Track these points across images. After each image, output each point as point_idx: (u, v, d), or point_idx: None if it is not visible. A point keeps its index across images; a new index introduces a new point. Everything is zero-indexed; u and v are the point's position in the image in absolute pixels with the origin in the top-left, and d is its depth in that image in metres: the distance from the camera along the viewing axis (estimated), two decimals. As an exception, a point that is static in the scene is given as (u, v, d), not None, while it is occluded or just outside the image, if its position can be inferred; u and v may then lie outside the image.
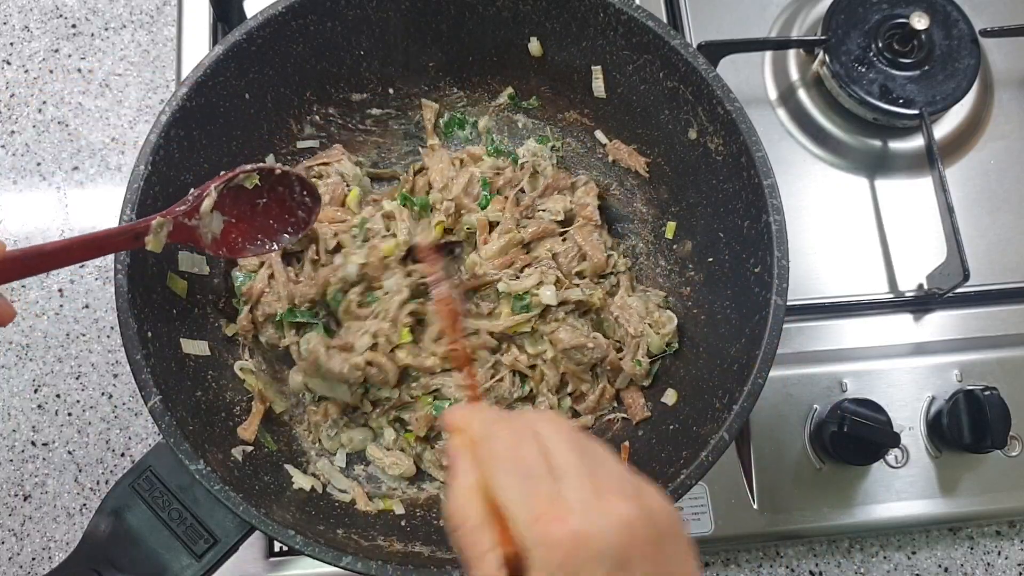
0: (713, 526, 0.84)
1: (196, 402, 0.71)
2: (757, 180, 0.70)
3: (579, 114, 0.89)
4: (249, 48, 0.75)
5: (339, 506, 0.75)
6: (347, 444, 0.79)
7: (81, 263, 0.77)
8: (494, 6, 0.81)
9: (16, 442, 0.91)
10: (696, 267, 0.82)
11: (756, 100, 1.01)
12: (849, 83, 0.96)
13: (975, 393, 0.84)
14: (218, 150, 0.77)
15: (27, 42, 1.04)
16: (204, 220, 0.66)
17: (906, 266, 0.94)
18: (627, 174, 0.89)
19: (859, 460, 0.84)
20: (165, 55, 1.04)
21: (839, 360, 0.89)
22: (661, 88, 0.78)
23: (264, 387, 0.78)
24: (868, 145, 0.99)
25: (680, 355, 0.81)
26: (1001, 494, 0.87)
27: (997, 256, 0.95)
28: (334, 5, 0.77)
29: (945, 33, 0.98)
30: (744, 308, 0.72)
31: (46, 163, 0.99)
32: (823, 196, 0.97)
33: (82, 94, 1.02)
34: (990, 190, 0.98)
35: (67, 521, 0.88)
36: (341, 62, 0.83)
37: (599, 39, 0.80)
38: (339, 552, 0.63)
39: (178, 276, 0.74)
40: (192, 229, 0.65)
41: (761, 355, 0.66)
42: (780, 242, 0.69)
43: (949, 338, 0.92)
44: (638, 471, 0.73)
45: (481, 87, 0.90)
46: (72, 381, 0.92)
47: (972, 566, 0.91)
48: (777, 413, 0.87)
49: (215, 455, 0.67)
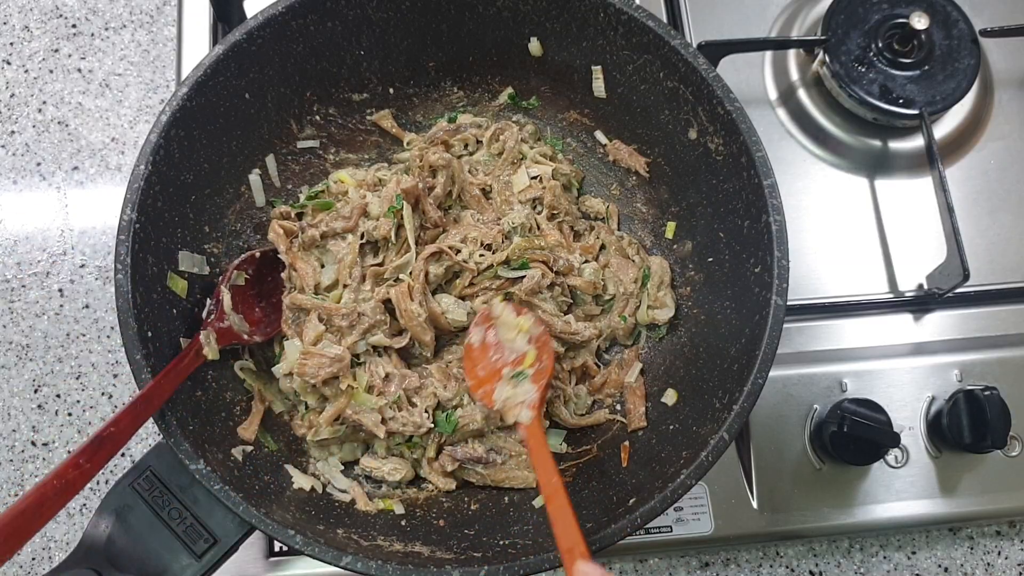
0: (713, 526, 0.84)
1: (196, 402, 0.71)
2: (757, 180, 0.70)
3: (579, 114, 0.89)
4: (249, 48, 0.75)
5: (339, 506, 0.75)
6: (336, 454, 0.79)
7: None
8: (494, 6, 0.81)
9: (16, 442, 0.91)
10: (696, 267, 0.82)
11: (756, 100, 1.01)
12: (849, 83, 0.96)
13: (975, 393, 0.84)
14: (218, 150, 0.77)
15: (27, 42, 1.04)
16: (233, 319, 0.75)
17: (906, 266, 0.94)
18: (627, 174, 0.89)
19: (859, 460, 0.84)
20: (165, 55, 1.04)
21: (839, 360, 0.89)
22: (661, 88, 0.78)
23: (264, 387, 0.78)
24: (868, 145, 0.99)
25: (680, 355, 0.81)
26: (1001, 494, 0.87)
27: (997, 256, 0.95)
28: (334, 5, 0.77)
29: (945, 33, 0.98)
30: (744, 308, 0.72)
31: (46, 163, 0.99)
32: (823, 196, 0.97)
33: (82, 94, 1.02)
34: (990, 190, 0.98)
35: (67, 521, 0.88)
36: (341, 62, 0.83)
37: (599, 39, 0.80)
38: (339, 552, 0.63)
39: (178, 276, 0.74)
40: (228, 329, 0.75)
41: (761, 355, 0.66)
42: (780, 242, 0.69)
43: (949, 338, 0.92)
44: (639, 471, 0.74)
45: (481, 87, 0.90)
46: (72, 381, 0.92)
47: (972, 566, 0.90)
48: (777, 413, 0.87)
49: (215, 455, 0.67)
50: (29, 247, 0.97)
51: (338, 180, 0.85)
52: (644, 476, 0.72)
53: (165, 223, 0.72)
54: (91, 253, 0.97)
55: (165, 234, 0.73)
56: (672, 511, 0.85)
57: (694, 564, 0.90)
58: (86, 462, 0.57)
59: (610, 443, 0.80)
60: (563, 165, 0.88)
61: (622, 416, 0.82)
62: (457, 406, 0.78)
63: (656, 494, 0.65)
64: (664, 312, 0.83)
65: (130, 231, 0.68)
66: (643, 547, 0.86)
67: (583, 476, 0.78)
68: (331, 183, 0.86)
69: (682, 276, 0.84)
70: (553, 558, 0.63)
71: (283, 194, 0.86)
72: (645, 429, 0.79)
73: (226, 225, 0.80)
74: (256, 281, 0.80)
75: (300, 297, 0.77)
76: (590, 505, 0.72)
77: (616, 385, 0.83)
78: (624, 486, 0.72)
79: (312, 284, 0.79)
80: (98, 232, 0.97)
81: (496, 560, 0.63)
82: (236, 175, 0.81)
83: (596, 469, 0.78)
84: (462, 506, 0.78)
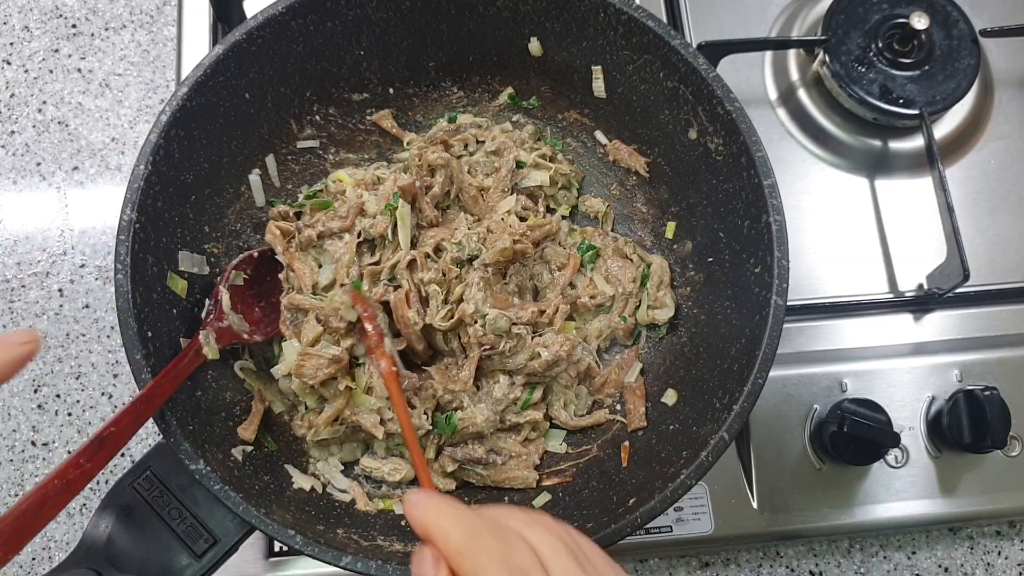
0: (713, 526, 0.84)
1: (196, 402, 0.71)
2: (757, 180, 0.70)
3: (579, 114, 0.89)
4: (249, 48, 0.75)
5: (339, 506, 0.75)
6: (336, 454, 0.79)
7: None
8: (494, 6, 0.81)
9: (16, 442, 0.91)
10: (696, 267, 0.82)
11: (756, 100, 1.01)
12: (849, 83, 0.96)
13: (975, 393, 0.84)
14: (218, 150, 0.77)
15: (27, 42, 1.04)
16: (232, 319, 0.75)
17: (906, 266, 0.94)
18: (627, 174, 0.89)
19: (859, 460, 0.84)
20: (165, 55, 1.04)
21: (839, 360, 0.89)
22: (661, 88, 0.78)
23: (264, 387, 0.78)
24: (868, 145, 0.99)
25: (680, 355, 0.81)
26: (1001, 494, 0.87)
27: (997, 256, 0.96)
28: (334, 5, 0.77)
29: (945, 33, 0.98)
30: (744, 308, 0.72)
31: (46, 163, 0.99)
32: (823, 196, 0.97)
33: (82, 94, 1.02)
34: (990, 190, 0.98)
35: (67, 521, 0.88)
36: (341, 62, 0.83)
37: (599, 39, 0.80)
38: (339, 552, 0.63)
39: (178, 276, 0.74)
40: (228, 328, 0.75)
41: (761, 355, 0.66)
42: (780, 242, 0.69)
43: (949, 338, 0.92)
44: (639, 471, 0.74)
45: (481, 87, 0.90)
46: (72, 381, 0.92)
47: (972, 566, 0.91)
48: (777, 413, 0.87)
49: (215, 455, 0.67)
50: (29, 247, 0.97)
51: (336, 179, 0.85)
52: (644, 476, 0.72)
53: (165, 223, 0.72)
54: (91, 253, 0.97)
55: (165, 234, 0.73)
56: (672, 511, 0.85)
57: (694, 564, 0.90)
58: (87, 462, 0.57)
59: (610, 443, 0.80)
60: (563, 165, 0.88)
61: (622, 416, 0.82)
62: (457, 408, 0.78)
63: (656, 494, 0.65)
64: (664, 312, 0.83)
65: (130, 231, 0.68)
66: (643, 547, 0.86)
67: (583, 476, 0.78)
68: (329, 183, 0.86)
69: (682, 276, 0.84)
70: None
71: (283, 194, 0.86)
72: (645, 429, 0.79)
73: (226, 225, 0.80)
74: (255, 281, 0.80)
75: (298, 298, 0.77)
76: (590, 505, 0.72)
77: (616, 385, 0.83)
78: (624, 486, 0.72)
79: (310, 284, 0.78)
80: (98, 232, 0.97)
81: (496, 560, 0.63)
82: (236, 175, 0.81)
83: (596, 469, 0.78)
84: (462, 506, 0.78)
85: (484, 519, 0.44)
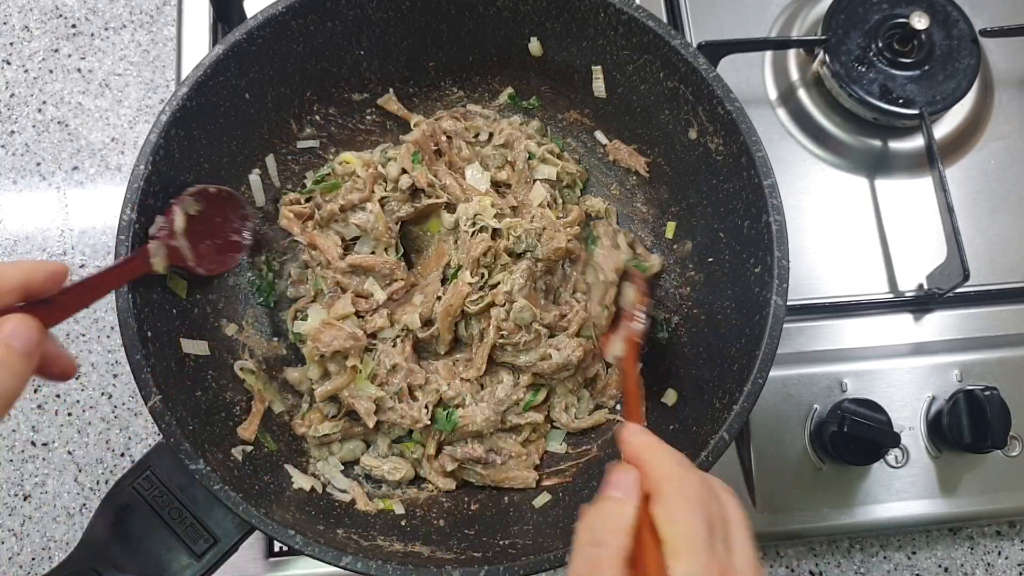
0: (713, 526, 0.84)
1: (196, 402, 0.71)
2: (757, 180, 0.70)
3: (579, 114, 0.89)
4: (249, 48, 0.75)
5: (339, 506, 0.75)
6: (337, 453, 0.79)
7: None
8: (494, 6, 0.81)
9: (16, 442, 0.91)
10: (696, 267, 0.82)
11: (756, 100, 1.01)
12: (849, 83, 0.96)
13: (975, 393, 0.84)
14: (218, 150, 0.77)
15: (27, 42, 1.04)
16: (182, 243, 0.73)
17: (906, 266, 0.94)
18: (627, 174, 0.89)
19: (859, 460, 0.84)
20: (165, 55, 1.04)
21: (839, 360, 0.89)
22: (661, 88, 0.78)
23: (264, 387, 0.78)
24: (868, 145, 0.99)
25: (680, 355, 0.81)
26: (1001, 494, 0.87)
27: (997, 256, 0.95)
28: (334, 5, 0.77)
29: (945, 33, 0.98)
30: (744, 308, 0.72)
31: (46, 163, 0.99)
32: (823, 196, 0.97)
33: (82, 94, 1.02)
34: (990, 190, 0.98)
35: (67, 521, 0.88)
36: (341, 62, 0.83)
37: (599, 39, 0.80)
38: (339, 552, 0.63)
39: (178, 276, 0.74)
40: (177, 250, 0.73)
41: (761, 355, 0.66)
42: (780, 242, 0.69)
43: (949, 338, 0.92)
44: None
45: (481, 87, 0.90)
46: (72, 381, 0.92)
47: (972, 566, 0.91)
48: (777, 413, 0.87)
49: (215, 455, 0.67)
50: (29, 247, 0.97)
51: (343, 161, 0.85)
52: (644, 476, 0.71)
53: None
54: (91, 253, 0.97)
55: (165, 234, 0.72)
56: (672, 511, 0.84)
57: (694, 564, 0.90)
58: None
59: (610, 443, 0.80)
60: (570, 164, 0.88)
61: (622, 416, 0.82)
62: (459, 405, 0.78)
63: (656, 494, 0.65)
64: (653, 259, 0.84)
65: (130, 231, 0.68)
66: (643, 547, 0.86)
67: (583, 476, 0.78)
68: (336, 165, 0.86)
69: (682, 276, 0.84)
70: (553, 558, 0.63)
71: (283, 194, 0.86)
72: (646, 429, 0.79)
73: (226, 225, 0.81)
74: (206, 219, 0.77)
75: (358, 257, 0.80)
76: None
77: (617, 387, 0.83)
78: (624, 486, 0.72)
79: (337, 255, 0.80)
80: (98, 232, 0.97)
81: (496, 560, 0.63)
82: (236, 175, 0.81)
83: (596, 469, 0.78)
84: (462, 506, 0.78)
85: (690, 463, 0.50)
